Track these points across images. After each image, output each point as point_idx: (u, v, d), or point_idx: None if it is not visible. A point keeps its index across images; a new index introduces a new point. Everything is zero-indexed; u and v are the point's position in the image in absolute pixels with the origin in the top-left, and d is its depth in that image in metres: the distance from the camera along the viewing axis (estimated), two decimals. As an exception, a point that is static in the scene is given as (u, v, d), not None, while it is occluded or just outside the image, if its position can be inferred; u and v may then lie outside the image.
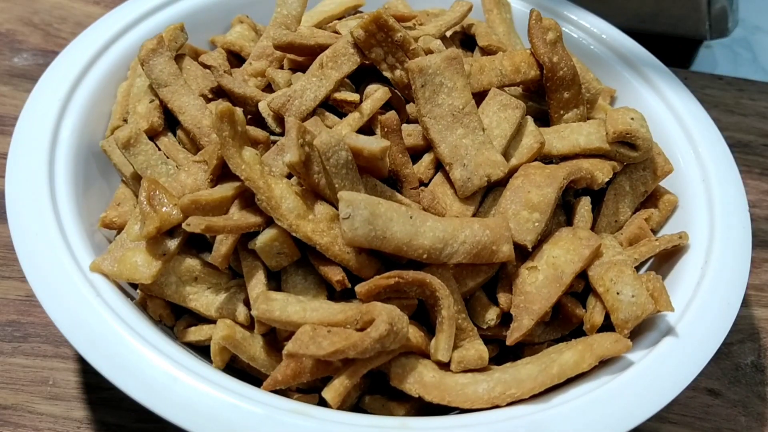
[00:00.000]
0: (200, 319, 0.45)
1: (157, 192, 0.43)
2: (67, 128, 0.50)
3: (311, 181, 0.42)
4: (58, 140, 0.50)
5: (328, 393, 0.40)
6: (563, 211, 0.50)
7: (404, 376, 0.41)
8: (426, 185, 0.47)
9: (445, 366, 0.43)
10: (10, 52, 0.73)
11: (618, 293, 0.44)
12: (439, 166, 0.48)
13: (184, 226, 0.41)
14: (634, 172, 0.53)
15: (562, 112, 0.53)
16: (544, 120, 0.53)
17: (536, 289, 0.44)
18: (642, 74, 0.60)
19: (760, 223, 0.67)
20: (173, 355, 0.40)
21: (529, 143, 0.49)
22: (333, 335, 0.40)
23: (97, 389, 0.51)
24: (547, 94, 0.52)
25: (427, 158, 0.48)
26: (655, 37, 0.65)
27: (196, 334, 0.44)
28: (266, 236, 0.43)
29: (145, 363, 0.40)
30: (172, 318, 0.46)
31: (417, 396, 0.41)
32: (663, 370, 0.42)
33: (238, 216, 0.43)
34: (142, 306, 0.45)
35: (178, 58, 0.54)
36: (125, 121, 0.52)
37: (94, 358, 0.40)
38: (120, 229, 0.48)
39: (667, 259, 0.51)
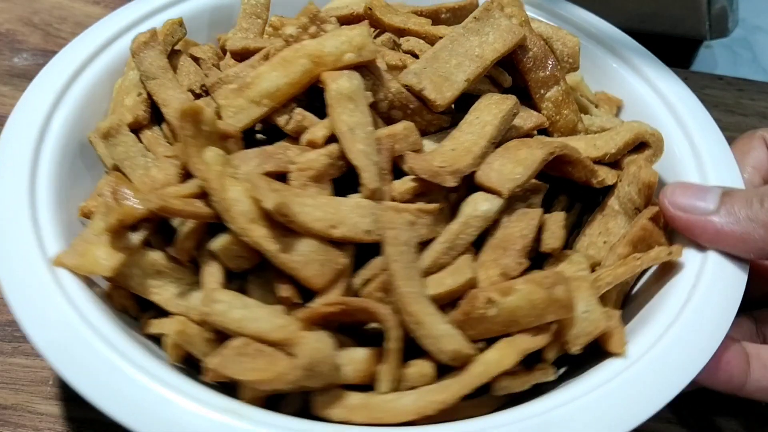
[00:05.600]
0: (166, 312, 0.43)
1: (122, 186, 0.41)
2: (58, 120, 0.48)
3: None
4: (47, 130, 0.48)
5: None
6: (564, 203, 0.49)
7: (327, 403, 0.38)
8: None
9: None
10: (10, 52, 0.71)
11: None
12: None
13: (141, 201, 0.39)
14: (619, 189, 0.48)
15: (542, 91, 0.50)
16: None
17: None
18: (640, 72, 0.56)
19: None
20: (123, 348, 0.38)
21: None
22: (260, 357, 0.37)
23: (97, 389, 0.50)
24: (523, 77, 0.50)
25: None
26: (655, 37, 0.63)
27: (156, 326, 0.42)
28: (223, 239, 0.40)
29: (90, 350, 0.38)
30: (137, 309, 0.44)
31: (342, 421, 0.38)
32: (664, 366, 0.39)
33: (200, 204, 0.40)
34: (109, 297, 0.43)
35: (175, 54, 0.52)
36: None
37: (53, 355, 0.38)
38: (99, 219, 0.46)
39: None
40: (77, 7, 0.75)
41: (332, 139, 0.44)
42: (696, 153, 0.51)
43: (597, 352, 0.42)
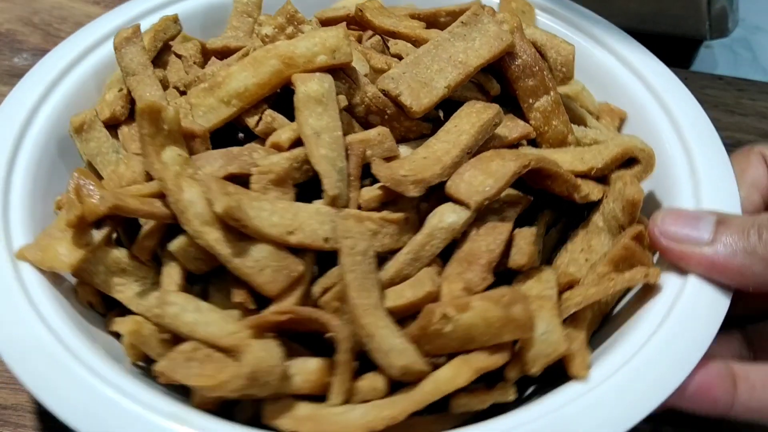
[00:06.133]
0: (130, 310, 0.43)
1: (87, 182, 0.41)
2: (42, 115, 0.49)
3: None
4: (30, 125, 0.48)
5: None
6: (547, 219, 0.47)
7: (277, 412, 0.37)
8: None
9: None
10: (10, 52, 0.71)
11: None
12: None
13: (96, 199, 0.39)
14: (604, 205, 0.46)
15: (531, 101, 0.48)
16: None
17: None
18: (647, 84, 0.54)
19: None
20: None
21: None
22: (209, 363, 0.37)
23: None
24: (511, 85, 0.48)
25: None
26: (655, 37, 0.61)
27: (116, 325, 0.42)
28: (181, 240, 0.40)
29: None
30: (103, 306, 0.44)
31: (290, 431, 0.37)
32: (627, 393, 0.38)
33: (159, 204, 0.40)
34: (75, 292, 0.43)
35: (166, 50, 0.52)
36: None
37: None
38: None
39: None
40: (77, 7, 0.76)
41: (299, 142, 0.43)
42: (694, 171, 0.49)
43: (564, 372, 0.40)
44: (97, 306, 0.44)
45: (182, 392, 0.40)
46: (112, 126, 0.48)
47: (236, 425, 0.37)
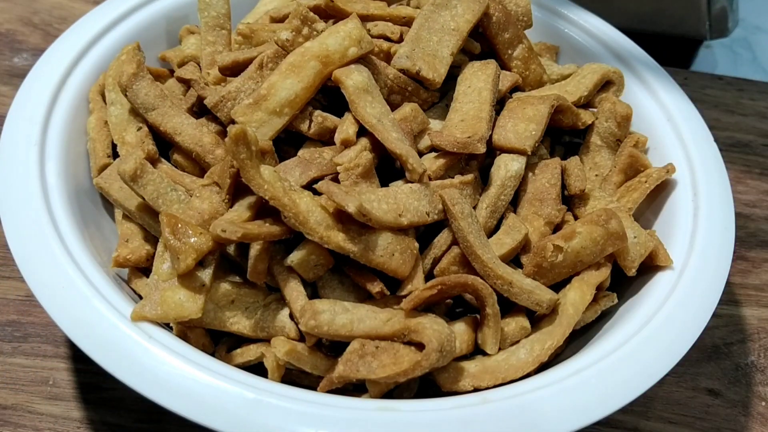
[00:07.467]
0: (240, 340, 0.42)
1: (179, 225, 0.40)
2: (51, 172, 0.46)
3: None
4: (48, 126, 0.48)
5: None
6: (548, 147, 0.52)
7: (454, 378, 0.40)
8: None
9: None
10: (10, 52, 0.70)
11: None
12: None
13: (219, 232, 0.38)
14: (598, 126, 0.53)
15: (510, 51, 0.53)
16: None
17: None
18: (636, 72, 0.58)
19: (760, 223, 0.65)
20: (176, 347, 0.39)
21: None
22: (382, 353, 0.38)
23: (97, 389, 0.49)
24: (491, 41, 0.53)
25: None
26: (655, 37, 0.63)
27: (244, 355, 0.42)
28: (302, 252, 0.40)
29: (153, 358, 0.38)
30: (212, 345, 0.43)
31: (472, 389, 0.40)
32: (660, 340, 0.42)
33: (269, 224, 0.40)
34: (182, 337, 0.41)
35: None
36: (109, 156, 0.48)
37: (102, 359, 0.38)
38: (135, 266, 0.44)
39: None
40: (77, 7, 0.75)
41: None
42: (690, 166, 0.52)
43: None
44: (208, 347, 0.43)
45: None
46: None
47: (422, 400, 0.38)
